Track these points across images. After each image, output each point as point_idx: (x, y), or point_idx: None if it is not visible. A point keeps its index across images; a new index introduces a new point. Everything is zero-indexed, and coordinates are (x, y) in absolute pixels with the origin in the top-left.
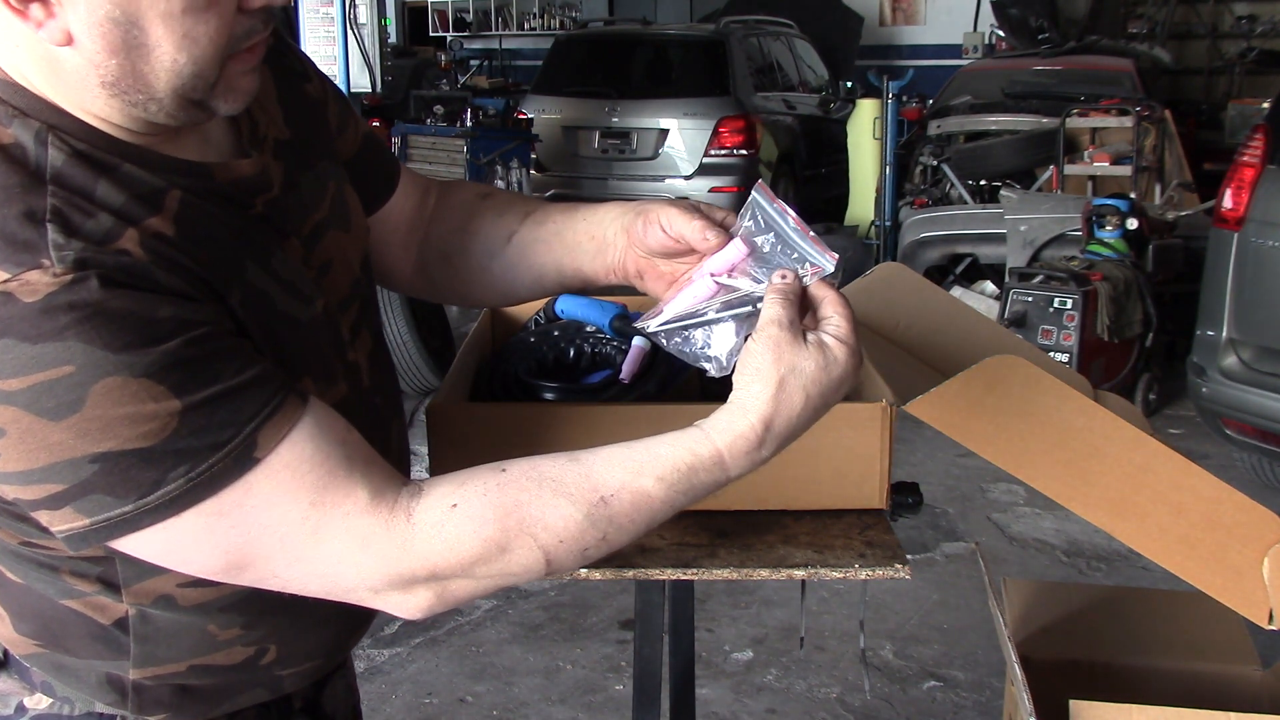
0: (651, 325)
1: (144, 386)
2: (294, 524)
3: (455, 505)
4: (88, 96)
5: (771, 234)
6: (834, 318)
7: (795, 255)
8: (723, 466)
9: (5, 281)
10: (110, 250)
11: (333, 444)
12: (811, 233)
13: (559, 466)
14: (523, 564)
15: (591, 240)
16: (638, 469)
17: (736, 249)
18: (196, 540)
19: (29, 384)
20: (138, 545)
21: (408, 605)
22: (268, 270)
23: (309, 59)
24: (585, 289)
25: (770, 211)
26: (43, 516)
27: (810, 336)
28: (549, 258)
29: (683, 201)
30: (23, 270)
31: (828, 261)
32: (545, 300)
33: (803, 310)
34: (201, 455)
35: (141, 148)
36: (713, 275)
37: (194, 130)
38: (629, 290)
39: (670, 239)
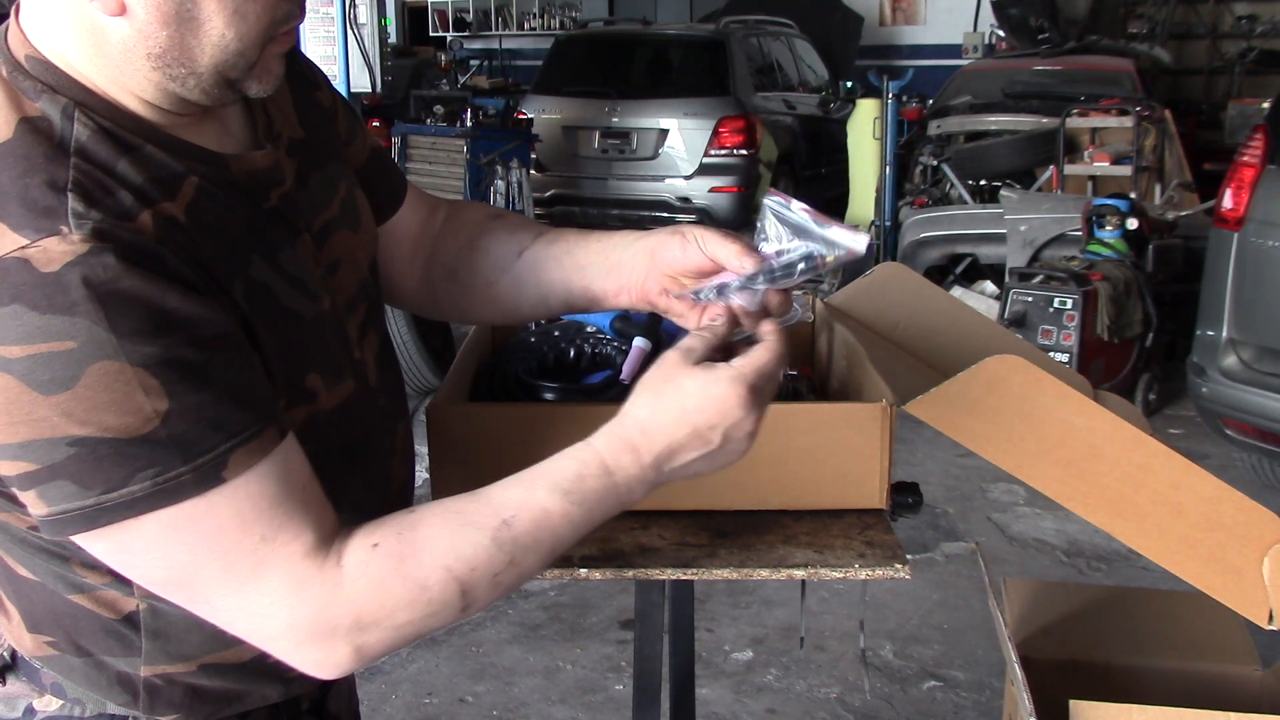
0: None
1: (139, 376)
2: (242, 554)
3: (376, 545)
4: (129, 69)
5: (793, 235)
6: (747, 355)
7: (823, 242)
8: (607, 470)
9: (23, 247)
10: (127, 227)
11: (295, 485)
12: (833, 223)
13: (462, 500)
14: (441, 599)
15: (604, 259)
16: (531, 484)
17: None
18: (146, 548)
19: (29, 353)
20: (88, 541)
21: (326, 662)
22: (274, 265)
23: (320, 71)
24: (591, 308)
25: (789, 214)
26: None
27: (707, 362)
28: (557, 274)
29: (714, 227)
30: (41, 237)
31: (858, 242)
32: None
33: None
34: (172, 462)
35: (164, 131)
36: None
37: (215, 120)
38: None
39: (707, 259)
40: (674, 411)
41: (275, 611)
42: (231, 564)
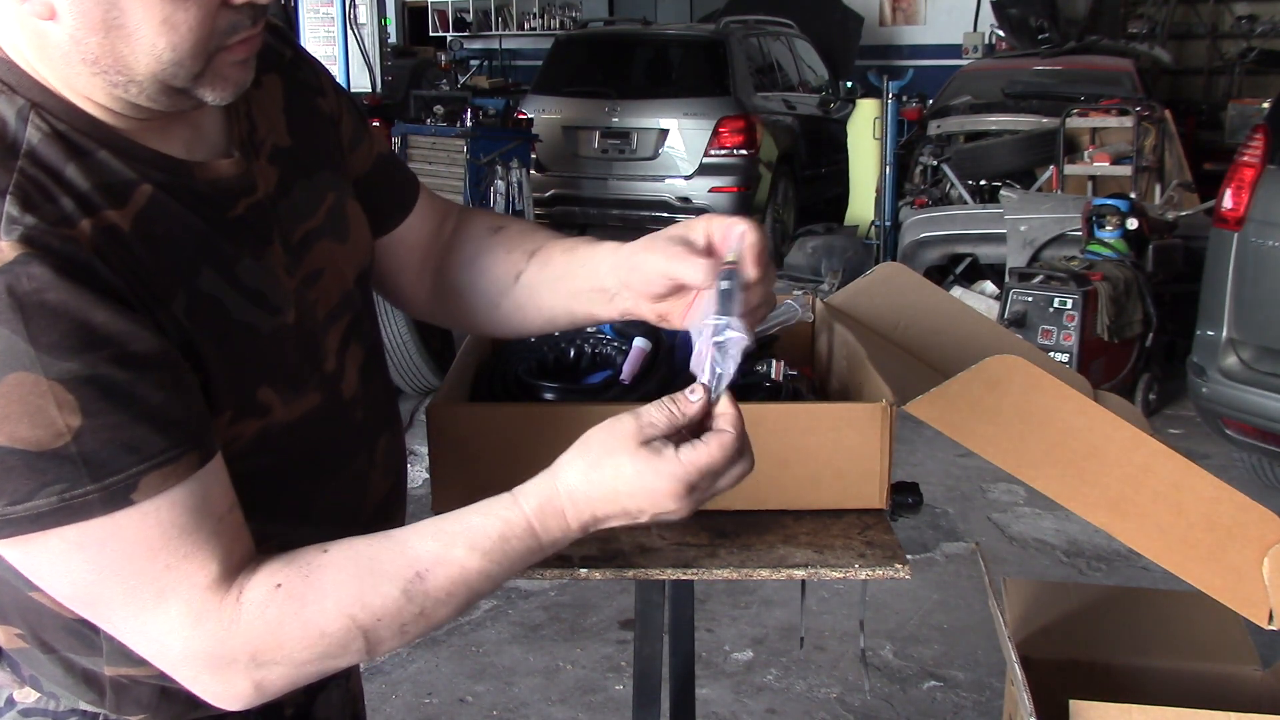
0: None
1: (54, 390)
2: (145, 580)
3: (279, 585)
4: (71, 73)
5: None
6: (700, 445)
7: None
8: (534, 534)
9: None
10: (61, 234)
11: (208, 516)
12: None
13: (376, 544)
14: (341, 645)
15: (595, 290)
16: (450, 540)
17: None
18: (50, 563)
19: None
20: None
21: (226, 694)
22: (228, 276)
23: (328, 74)
24: (600, 324)
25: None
26: None
27: (657, 443)
28: (557, 301)
29: (667, 240)
30: None
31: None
32: None
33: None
34: (80, 480)
35: (124, 136)
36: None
37: (185, 125)
38: None
39: (674, 283)
40: (606, 489)
41: (172, 640)
42: (133, 588)
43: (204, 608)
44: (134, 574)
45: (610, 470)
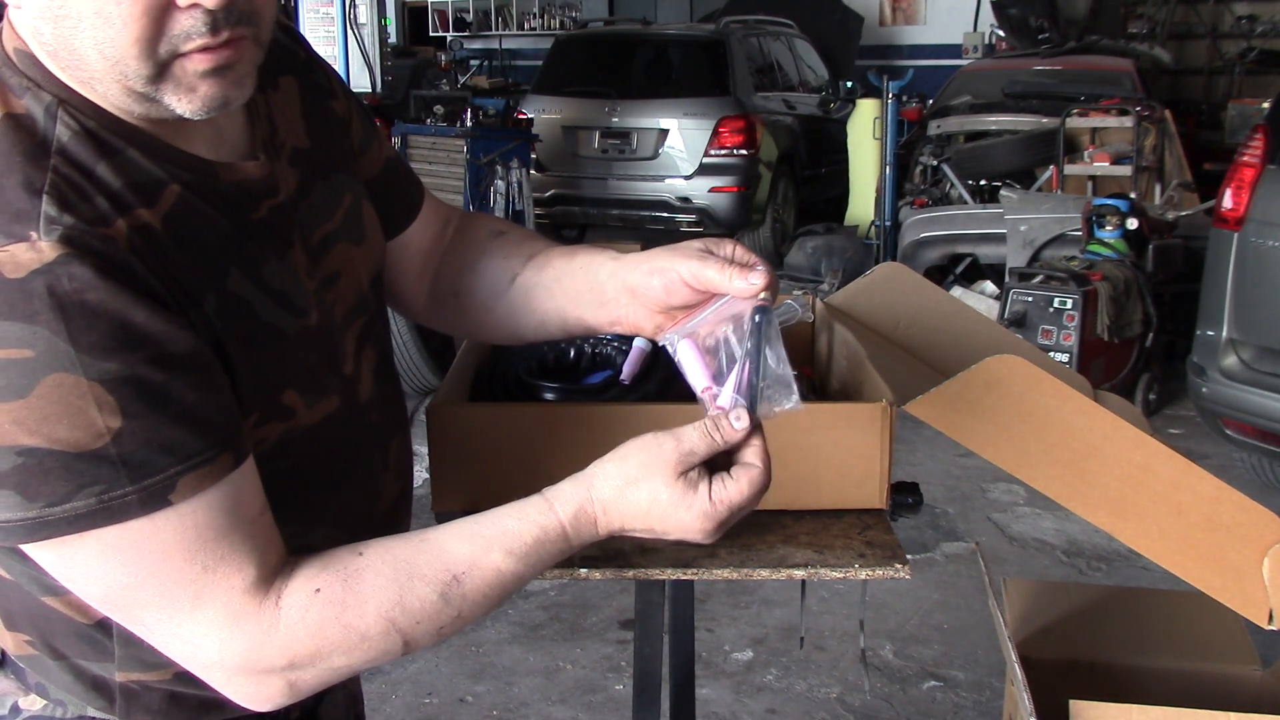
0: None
1: (93, 391)
2: (182, 582)
3: (318, 590)
4: (57, 66)
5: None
6: (731, 483)
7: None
8: (566, 538)
9: None
10: (99, 234)
11: (242, 517)
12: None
13: (411, 548)
14: (380, 648)
15: (591, 292)
16: (486, 545)
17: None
18: (87, 565)
19: None
20: (32, 550)
21: (258, 696)
22: (255, 278)
23: (339, 78)
24: (591, 334)
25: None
26: None
27: (694, 474)
28: (551, 304)
29: (693, 249)
30: (11, 243)
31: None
32: None
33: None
34: (119, 481)
35: (150, 135)
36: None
37: (207, 125)
38: None
39: (698, 292)
40: (639, 510)
41: (208, 643)
42: (170, 591)
43: (242, 611)
44: (170, 576)
45: (646, 494)
